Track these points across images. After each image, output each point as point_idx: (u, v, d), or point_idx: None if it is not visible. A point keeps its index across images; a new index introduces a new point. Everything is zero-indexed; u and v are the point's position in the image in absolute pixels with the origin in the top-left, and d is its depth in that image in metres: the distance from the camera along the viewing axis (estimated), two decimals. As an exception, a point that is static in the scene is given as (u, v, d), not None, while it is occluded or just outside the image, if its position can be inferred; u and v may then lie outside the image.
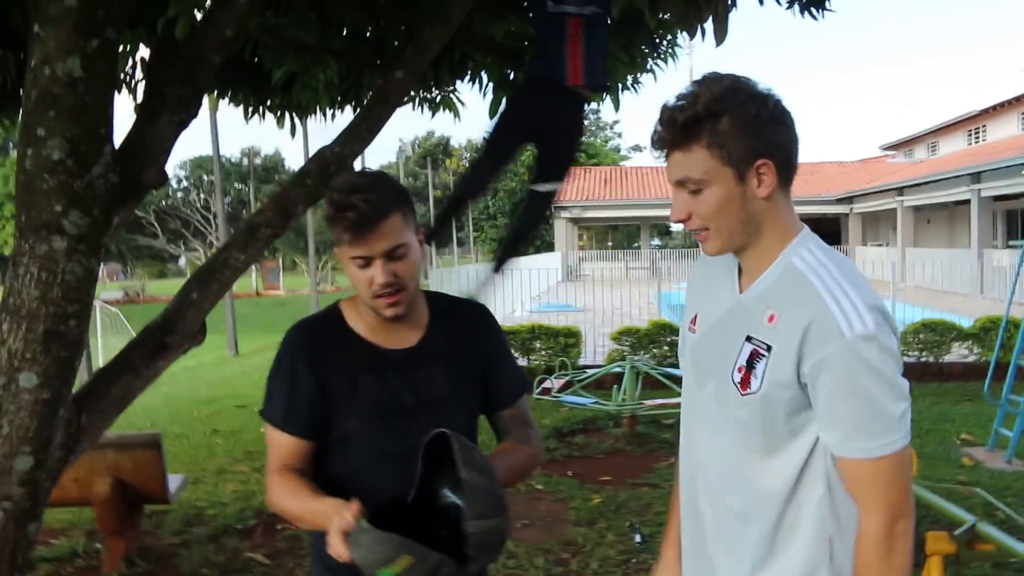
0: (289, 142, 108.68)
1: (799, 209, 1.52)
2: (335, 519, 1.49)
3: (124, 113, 2.69)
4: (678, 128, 1.42)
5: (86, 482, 4.14)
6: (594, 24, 3.21)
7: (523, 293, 17.66)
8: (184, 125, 2.73)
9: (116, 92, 2.89)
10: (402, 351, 1.82)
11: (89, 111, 2.31)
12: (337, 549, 1.48)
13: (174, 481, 4.51)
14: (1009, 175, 18.76)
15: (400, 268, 1.71)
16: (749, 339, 1.47)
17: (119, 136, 2.54)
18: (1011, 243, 23.56)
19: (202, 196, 51.63)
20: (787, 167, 1.46)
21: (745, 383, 1.46)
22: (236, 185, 58.18)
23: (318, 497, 1.64)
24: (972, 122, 28.15)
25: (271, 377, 1.84)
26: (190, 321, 2.98)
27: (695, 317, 1.66)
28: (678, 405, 6.44)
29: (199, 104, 2.78)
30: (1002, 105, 25.61)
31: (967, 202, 22.67)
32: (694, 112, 1.40)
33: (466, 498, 1.51)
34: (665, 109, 1.44)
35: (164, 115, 2.65)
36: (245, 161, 60.20)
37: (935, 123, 30.65)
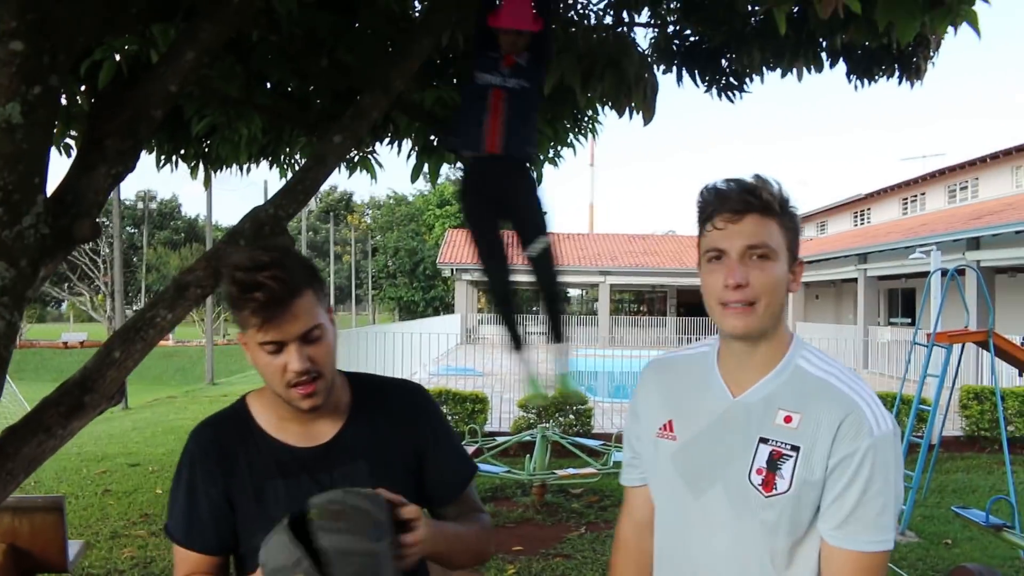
0: (185, 187, 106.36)
1: (688, 282, 1.57)
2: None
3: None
4: (764, 198, 1.48)
5: (-25, 548, 3.86)
6: (519, 96, 3.26)
7: (423, 356, 17.57)
8: (121, 178, 2.65)
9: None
10: (314, 448, 1.63)
11: (25, 159, 2.22)
12: None
13: (73, 547, 4.25)
14: (893, 257, 19.79)
15: (316, 352, 1.53)
16: (765, 441, 1.47)
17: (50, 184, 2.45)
18: (892, 320, 24.76)
19: (91, 240, 49.70)
20: None
21: (769, 484, 1.45)
22: (129, 229, 56.49)
23: None
24: (858, 204, 29.66)
25: (172, 487, 1.66)
26: (110, 381, 2.84)
27: (669, 423, 1.61)
28: (589, 476, 6.49)
29: (137, 157, 2.71)
30: (885, 191, 27.09)
31: (853, 280, 23.77)
32: (777, 196, 1.50)
33: (330, 569, 1.33)
34: (751, 180, 1.50)
35: (102, 167, 2.56)
36: (139, 205, 58.56)
37: (825, 203, 32.17)
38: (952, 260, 15.26)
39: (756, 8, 3.84)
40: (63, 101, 4.01)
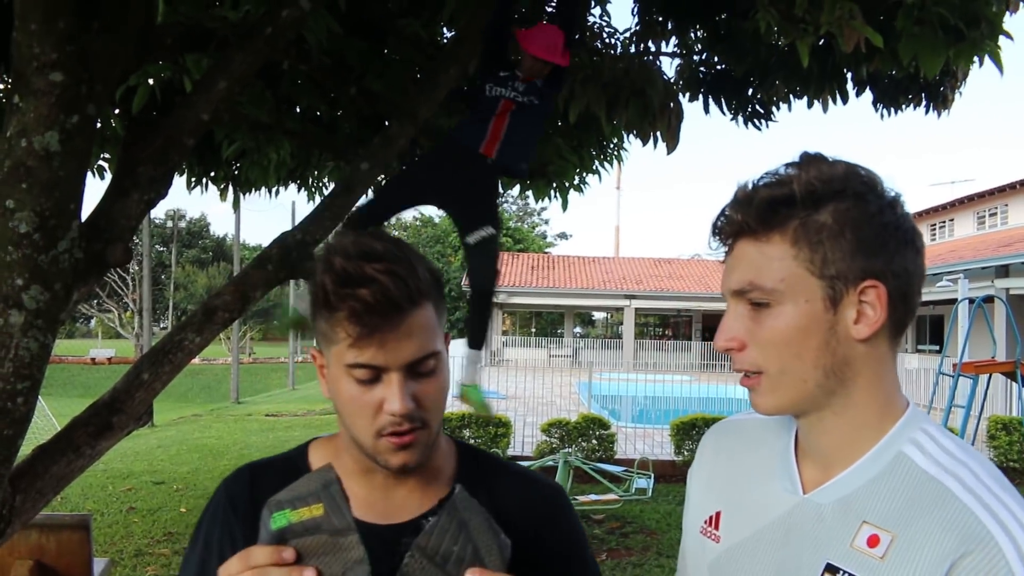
0: (214, 207, 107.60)
1: (714, 306, 1.05)
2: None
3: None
4: (756, 208, 0.95)
5: (3, 565, 3.92)
6: (527, 112, 3.30)
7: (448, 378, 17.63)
8: (153, 204, 2.71)
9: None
10: (387, 527, 1.12)
11: (62, 186, 2.28)
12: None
13: (98, 565, 4.31)
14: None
15: (426, 391, 1.07)
16: (833, 570, 0.94)
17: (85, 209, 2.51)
18: (920, 347, 24.52)
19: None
20: (905, 305, 0.97)
21: None
22: (158, 247, 57.17)
23: None
24: (885, 231, 29.47)
25: (189, 542, 1.21)
26: (139, 402, 2.91)
27: (716, 516, 1.11)
28: (611, 502, 6.51)
29: (170, 184, 2.77)
30: (913, 216, 26.89)
31: (880, 307, 23.54)
32: (787, 190, 0.94)
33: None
34: (742, 186, 0.99)
35: (134, 193, 2.62)
36: (169, 223, 59.30)
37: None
38: (980, 288, 15.12)
39: (781, 39, 3.87)
40: (97, 125, 4.10)
